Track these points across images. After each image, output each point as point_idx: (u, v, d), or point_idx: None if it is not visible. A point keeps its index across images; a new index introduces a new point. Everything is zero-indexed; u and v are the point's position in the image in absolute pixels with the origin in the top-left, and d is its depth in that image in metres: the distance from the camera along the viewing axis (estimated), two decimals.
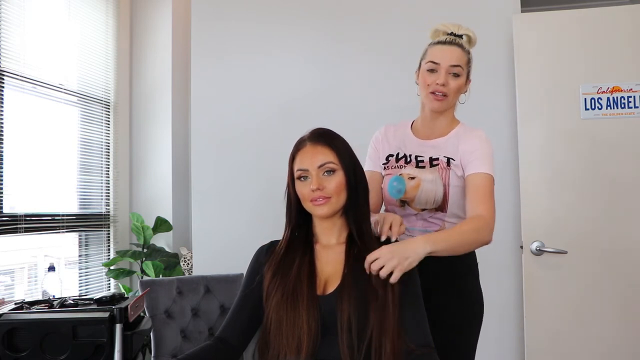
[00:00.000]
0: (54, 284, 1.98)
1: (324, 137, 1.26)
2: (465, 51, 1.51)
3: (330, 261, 1.25)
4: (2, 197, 2.47)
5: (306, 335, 1.14)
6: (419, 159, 1.54)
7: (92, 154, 3.16)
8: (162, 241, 3.28)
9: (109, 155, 3.27)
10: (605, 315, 2.19)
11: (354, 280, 1.18)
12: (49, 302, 1.47)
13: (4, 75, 2.51)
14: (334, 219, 1.27)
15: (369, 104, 2.57)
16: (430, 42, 1.55)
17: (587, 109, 2.25)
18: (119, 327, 1.32)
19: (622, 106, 2.22)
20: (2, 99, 2.49)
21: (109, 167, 3.27)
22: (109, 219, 3.25)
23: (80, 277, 3.04)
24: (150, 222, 3.14)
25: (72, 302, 1.46)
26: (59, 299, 1.51)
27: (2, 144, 2.48)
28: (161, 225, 3.14)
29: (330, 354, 1.15)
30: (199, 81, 2.77)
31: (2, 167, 2.48)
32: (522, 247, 2.29)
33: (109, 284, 3.23)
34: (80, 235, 3.08)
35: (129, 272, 3.09)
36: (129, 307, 1.36)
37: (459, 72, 1.48)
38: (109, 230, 3.25)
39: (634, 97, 2.21)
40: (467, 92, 1.56)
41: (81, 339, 1.30)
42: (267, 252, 1.30)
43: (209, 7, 2.77)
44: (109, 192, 3.26)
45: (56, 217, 2.83)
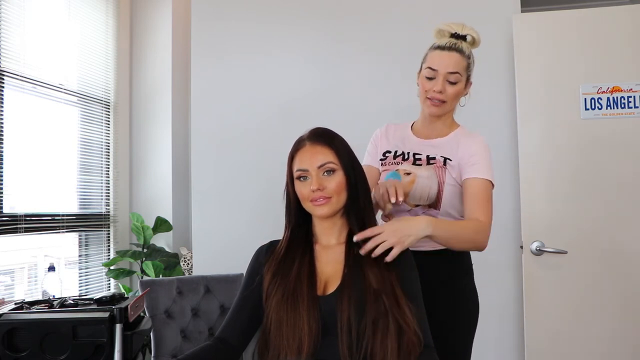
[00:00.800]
0: (54, 284, 1.98)
1: (323, 137, 1.26)
2: (465, 56, 1.50)
3: (330, 261, 1.25)
4: (2, 197, 2.47)
5: (307, 335, 1.14)
6: (416, 156, 1.55)
7: (92, 154, 3.16)
8: (162, 241, 3.28)
9: (109, 155, 3.27)
10: (605, 315, 2.19)
11: (354, 280, 1.18)
12: (49, 302, 1.47)
13: (4, 75, 2.51)
14: (334, 219, 1.27)
15: (369, 104, 2.57)
16: (431, 45, 1.54)
17: (587, 109, 2.25)
18: (119, 327, 1.32)
19: (622, 106, 2.22)
20: (2, 99, 2.49)
21: (109, 167, 3.27)
22: (109, 219, 3.25)
23: (80, 277, 3.04)
24: (150, 222, 3.14)
25: (72, 302, 1.46)
26: (59, 299, 1.51)
27: (2, 144, 2.48)
28: (161, 225, 3.14)
29: (330, 355, 1.14)
30: (199, 81, 2.77)
31: (2, 167, 2.48)
32: (522, 247, 2.29)
33: (109, 284, 3.23)
34: (80, 235, 3.08)
35: (129, 272, 3.09)
36: (129, 307, 1.36)
37: (456, 79, 1.49)
38: (109, 230, 3.25)
39: (634, 97, 2.21)
40: (467, 95, 1.56)
41: (81, 339, 1.30)
42: (267, 252, 1.30)
43: (209, 7, 2.77)
44: (109, 192, 3.26)
45: (56, 217, 2.83)
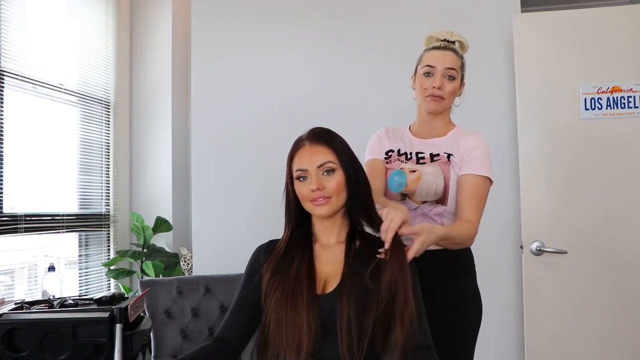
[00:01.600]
0: (54, 284, 1.98)
1: (322, 137, 1.26)
2: (458, 56, 1.58)
3: (329, 261, 1.25)
4: (2, 197, 2.47)
5: (306, 335, 1.14)
6: (419, 155, 1.57)
7: (92, 154, 3.16)
8: (162, 241, 3.28)
9: (109, 155, 3.27)
10: (605, 315, 2.19)
11: (353, 279, 1.18)
12: (49, 302, 1.47)
13: (4, 75, 2.51)
14: (334, 218, 1.27)
15: (369, 104, 2.57)
16: (424, 48, 1.61)
17: (587, 109, 2.24)
18: (119, 327, 1.32)
19: (622, 106, 2.22)
20: (2, 99, 2.49)
21: (109, 167, 3.27)
22: (109, 219, 3.25)
23: (80, 277, 3.04)
24: (150, 222, 3.14)
25: (72, 302, 1.46)
26: (59, 299, 1.51)
27: (2, 144, 2.48)
28: (161, 225, 3.14)
29: (330, 354, 1.15)
30: (199, 81, 2.77)
31: (2, 167, 2.48)
32: (522, 247, 2.29)
33: (109, 284, 3.23)
34: (80, 235, 3.08)
35: (129, 272, 3.09)
36: (129, 307, 1.36)
37: (453, 74, 1.55)
38: (109, 230, 3.25)
39: (634, 97, 2.21)
40: (461, 95, 1.62)
41: (81, 339, 1.30)
42: (266, 252, 1.30)
43: (209, 7, 2.77)
44: (109, 192, 3.26)
45: (56, 217, 2.83)
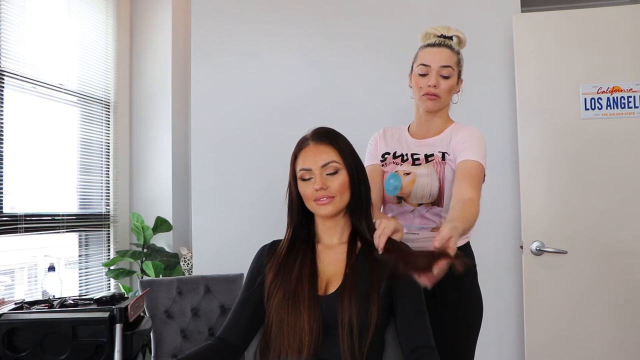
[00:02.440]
0: (54, 284, 1.98)
1: (326, 137, 1.26)
2: (454, 52, 1.54)
3: (332, 261, 1.25)
4: (2, 197, 2.47)
5: (307, 335, 1.14)
6: (415, 156, 1.56)
7: (92, 154, 3.16)
8: (162, 241, 3.28)
9: (109, 155, 3.27)
10: (605, 315, 2.19)
11: (355, 280, 1.18)
12: (49, 302, 1.47)
13: (4, 75, 2.51)
14: (337, 218, 1.27)
15: (369, 104, 2.56)
16: (421, 45, 1.58)
17: (587, 109, 2.24)
18: (119, 327, 1.32)
19: (622, 106, 2.22)
20: (2, 99, 2.49)
21: (109, 167, 3.27)
22: (109, 219, 3.25)
23: (80, 277, 3.04)
24: (150, 222, 3.14)
25: (72, 302, 1.46)
26: (59, 299, 1.51)
27: (2, 144, 2.48)
28: (161, 225, 3.14)
29: (331, 354, 1.14)
30: (198, 81, 2.77)
31: (2, 167, 2.48)
32: (522, 247, 2.29)
33: (109, 284, 3.23)
34: (80, 235, 3.08)
35: (129, 272, 3.09)
36: (129, 307, 1.36)
37: (449, 72, 1.51)
38: (109, 230, 3.25)
39: (634, 97, 2.21)
40: (459, 92, 1.59)
41: (81, 339, 1.30)
42: (269, 252, 1.30)
43: (208, 7, 2.77)
44: (109, 192, 3.26)
45: (56, 217, 2.83)
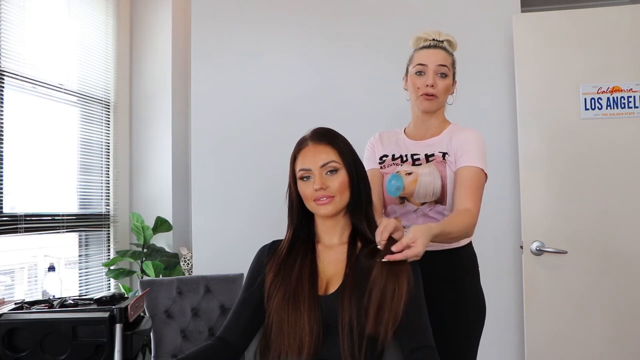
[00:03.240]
0: (54, 284, 1.98)
1: (325, 136, 1.26)
2: (449, 53, 1.57)
3: (332, 261, 1.25)
4: (2, 197, 2.47)
5: (308, 335, 1.14)
6: (415, 157, 1.56)
7: (92, 154, 3.16)
8: (162, 241, 3.28)
9: (109, 155, 3.27)
10: (605, 315, 2.19)
11: (355, 280, 1.18)
12: (49, 302, 1.47)
13: (4, 75, 2.51)
14: (337, 218, 1.27)
15: (369, 104, 2.56)
16: (415, 48, 1.60)
17: (587, 109, 2.24)
18: (119, 327, 1.32)
19: (622, 106, 2.22)
20: (2, 99, 2.49)
21: (109, 167, 3.27)
22: (109, 219, 3.25)
23: (80, 277, 3.04)
24: (150, 222, 3.14)
25: (72, 302, 1.46)
26: (59, 299, 1.51)
27: (2, 144, 2.48)
28: (161, 225, 3.14)
29: (331, 354, 1.14)
30: (198, 81, 2.77)
31: (2, 167, 2.48)
32: (522, 247, 2.29)
33: (109, 284, 3.23)
34: (80, 235, 3.08)
35: (129, 272, 3.09)
36: (129, 307, 1.36)
37: (446, 72, 1.54)
38: (109, 230, 3.25)
39: (634, 97, 2.21)
40: (454, 94, 1.61)
41: (81, 339, 1.30)
42: (269, 252, 1.30)
43: (208, 7, 2.77)
44: (109, 192, 3.26)
45: (56, 217, 2.83)
